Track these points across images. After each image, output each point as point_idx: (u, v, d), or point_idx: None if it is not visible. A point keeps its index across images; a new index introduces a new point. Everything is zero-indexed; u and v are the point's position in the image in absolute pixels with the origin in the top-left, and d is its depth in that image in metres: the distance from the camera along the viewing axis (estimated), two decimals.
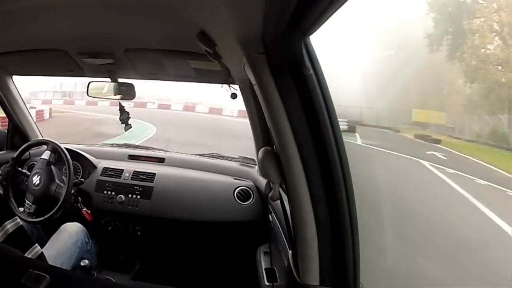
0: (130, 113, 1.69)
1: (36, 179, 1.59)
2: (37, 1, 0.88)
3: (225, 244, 1.83)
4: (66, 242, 1.39)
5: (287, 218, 0.97)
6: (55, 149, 1.66)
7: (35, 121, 2.03)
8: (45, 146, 1.71)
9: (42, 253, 1.00)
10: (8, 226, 0.92)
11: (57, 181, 1.60)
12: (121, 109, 1.70)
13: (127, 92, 1.64)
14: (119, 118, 1.71)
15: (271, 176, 0.87)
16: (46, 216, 1.55)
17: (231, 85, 1.49)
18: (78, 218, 1.64)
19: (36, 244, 0.99)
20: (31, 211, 1.57)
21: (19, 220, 0.96)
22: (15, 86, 1.87)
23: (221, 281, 1.84)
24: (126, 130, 1.71)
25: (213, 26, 0.85)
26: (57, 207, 1.55)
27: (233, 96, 1.50)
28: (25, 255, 0.92)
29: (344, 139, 0.79)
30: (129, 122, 1.70)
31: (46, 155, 1.64)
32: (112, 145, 2.28)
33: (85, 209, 1.69)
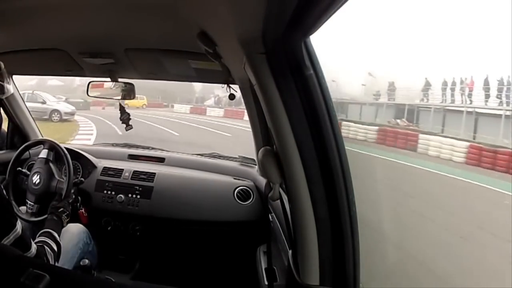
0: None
1: (36, 178, 1.59)
2: (37, 1, 0.88)
3: (225, 244, 1.83)
4: (67, 243, 1.39)
5: (287, 218, 0.97)
6: (53, 147, 1.66)
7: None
8: (45, 146, 1.71)
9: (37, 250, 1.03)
10: (4, 242, 0.95)
11: (57, 177, 1.60)
12: (122, 109, 1.72)
13: (127, 92, 1.64)
14: (120, 118, 1.73)
15: (271, 176, 0.87)
16: (44, 216, 1.54)
17: (231, 85, 1.49)
18: (79, 218, 1.64)
19: (32, 249, 1.02)
20: (34, 210, 1.56)
21: (18, 230, 0.98)
22: (15, 86, 1.87)
23: (221, 281, 1.84)
24: (126, 130, 1.73)
25: (214, 26, 0.85)
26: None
27: (231, 97, 1.50)
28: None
29: None
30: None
31: (44, 153, 1.64)
32: (112, 144, 2.28)
33: (82, 210, 1.68)
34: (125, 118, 1.72)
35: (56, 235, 1.23)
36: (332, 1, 0.57)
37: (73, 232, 1.46)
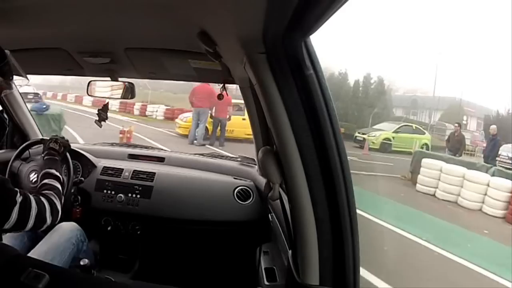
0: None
1: (33, 177, 1.58)
2: (37, 0, 0.88)
3: (224, 243, 1.83)
4: (59, 238, 1.39)
5: (287, 218, 0.97)
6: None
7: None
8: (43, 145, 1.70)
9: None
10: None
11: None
12: (105, 107, 1.75)
13: (127, 91, 1.64)
14: (98, 110, 1.75)
15: (271, 176, 0.87)
16: None
17: (230, 85, 1.49)
18: (71, 215, 1.65)
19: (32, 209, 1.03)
20: None
21: (19, 200, 1.00)
22: (15, 85, 1.86)
23: (220, 280, 1.85)
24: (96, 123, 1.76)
25: (214, 26, 0.85)
26: None
27: (220, 97, 1.50)
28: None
29: None
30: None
31: (43, 152, 1.65)
32: (112, 144, 2.28)
33: (78, 208, 1.68)
34: (103, 116, 1.75)
35: (54, 171, 1.25)
36: (332, 1, 0.57)
37: (65, 228, 1.46)
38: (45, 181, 1.21)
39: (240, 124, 7.22)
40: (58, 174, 1.24)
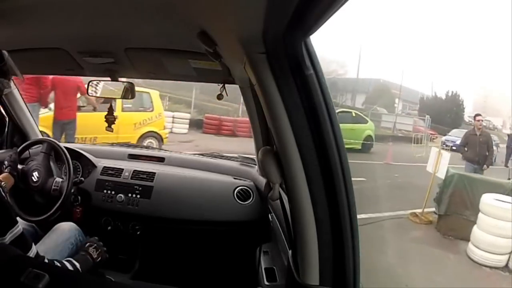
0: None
1: (35, 176, 1.58)
2: (38, 0, 0.88)
3: (224, 243, 1.84)
4: (57, 238, 1.39)
5: (287, 218, 0.97)
6: (53, 147, 1.66)
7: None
8: (44, 145, 1.71)
9: (37, 252, 1.03)
10: (7, 237, 0.96)
11: (55, 175, 1.60)
12: (110, 109, 1.73)
13: (127, 91, 1.64)
14: (105, 116, 1.72)
15: (271, 176, 0.87)
16: (45, 216, 1.55)
17: (230, 85, 1.49)
18: (72, 215, 1.65)
19: (32, 248, 1.02)
20: (30, 209, 1.56)
21: (20, 227, 0.99)
22: (15, 85, 1.86)
23: (220, 280, 1.85)
24: (106, 130, 1.71)
25: (214, 26, 0.85)
26: (56, 206, 1.55)
27: (219, 97, 1.50)
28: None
29: None
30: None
31: (44, 151, 1.65)
32: (112, 144, 2.28)
33: (79, 208, 1.69)
34: (110, 119, 1.71)
35: (77, 264, 1.19)
36: (333, 1, 0.57)
37: (64, 229, 1.46)
38: (61, 260, 1.17)
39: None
40: (78, 266, 1.20)
